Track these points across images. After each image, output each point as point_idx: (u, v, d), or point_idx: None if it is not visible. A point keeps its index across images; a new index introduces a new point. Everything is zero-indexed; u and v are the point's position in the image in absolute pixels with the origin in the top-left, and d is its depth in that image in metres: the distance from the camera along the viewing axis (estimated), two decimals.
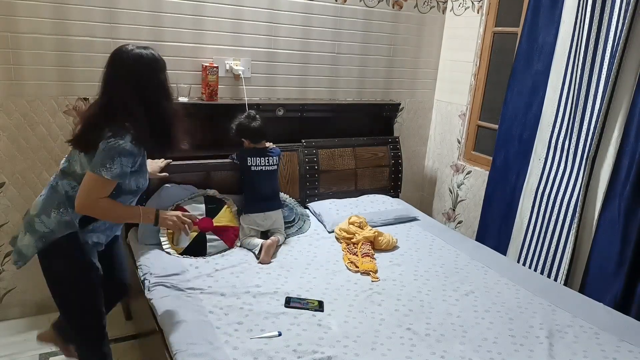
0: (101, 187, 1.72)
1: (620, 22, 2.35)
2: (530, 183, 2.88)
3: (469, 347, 1.84)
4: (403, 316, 2.02)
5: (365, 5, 3.27)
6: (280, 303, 2.05)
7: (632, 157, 2.39)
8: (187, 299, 2.02)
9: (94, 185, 1.71)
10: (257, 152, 2.65)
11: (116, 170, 1.69)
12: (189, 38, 2.80)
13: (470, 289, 2.29)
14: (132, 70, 1.73)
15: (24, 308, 2.75)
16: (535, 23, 2.81)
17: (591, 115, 2.52)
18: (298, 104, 3.11)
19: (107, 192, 1.74)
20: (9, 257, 2.64)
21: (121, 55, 1.74)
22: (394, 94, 3.59)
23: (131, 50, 1.74)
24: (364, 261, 2.44)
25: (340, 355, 1.73)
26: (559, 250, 2.70)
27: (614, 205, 2.47)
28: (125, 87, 1.72)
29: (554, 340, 1.92)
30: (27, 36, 2.43)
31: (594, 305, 2.22)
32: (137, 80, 1.73)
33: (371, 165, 3.33)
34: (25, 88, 2.49)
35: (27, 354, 2.45)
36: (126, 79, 1.73)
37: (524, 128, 2.93)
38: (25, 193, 2.61)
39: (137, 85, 1.73)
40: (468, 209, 3.54)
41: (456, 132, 3.62)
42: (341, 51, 3.29)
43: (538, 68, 2.82)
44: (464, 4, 3.46)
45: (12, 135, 2.51)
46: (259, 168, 2.63)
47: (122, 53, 1.75)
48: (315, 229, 2.86)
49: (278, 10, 2.99)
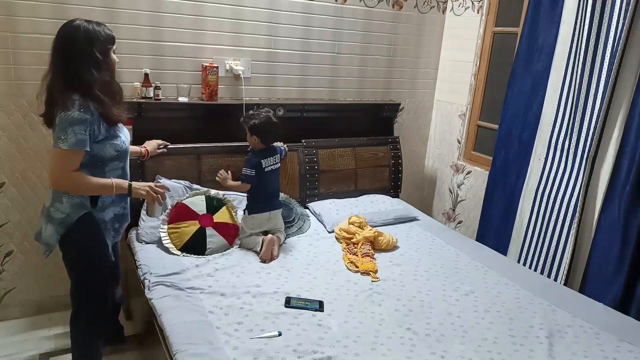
0: (65, 159, 1.79)
1: (620, 22, 2.35)
2: (530, 183, 2.88)
3: (469, 347, 1.84)
4: (403, 316, 2.02)
5: (365, 5, 3.27)
6: (280, 303, 2.04)
7: (632, 157, 2.39)
8: (187, 298, 2.02)
9: (57, 159, 1.80)
10: (266, 152, 2.58)
11: (71, 139, 1.76)
12: (189, 38, 2.80)
13: (470, 289, 2.29)
14: (64, 42, 1.82)
15: (24, 308, 2.75)
16: (535, 23, 2.81)
17: (591, 115, 2.52)
18: (298, 104, 3.12)
19: (74, 163, 1.82)
20: (9, 257, 2.64)
21: (59, 31, 1.84)
22: (394, 94, 3.59)
23: (67, 24, 1.84)
24: (364, 261, 2.44)
25: (340, 355, 1.73)
26: (559, 250, 2.70)
27: (614, 205, 2.47)
28: (60, 59, 1.82)
29: (554, 340, 1.92)
30: (27, 36, 2.43)
31: (594, 305, 2.22)
32: (69, 52, 1.81)
33: (371, 165, 3.34)
34: (25, 88, 2.49)
35: (27, 354, 2.45)
36: (60, 52, 1.82)
37: (524, 128, 2.93)
38: (25, 193, 2.61)
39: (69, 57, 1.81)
40: (468, 209, 3.54)
41: (456, 132, 3.62)
42: (341, 51, 3.29)
43: (538, 68, 2.82)
44: (464, 4, 3.46)
45: (12, 135, 2.51)
46: (269, 168, 2.59)
47: (61, 28, 1.84)
48: (315, 229, 2.86)
49: (278, 10, 2.99)
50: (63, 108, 1.77)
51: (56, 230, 1.90)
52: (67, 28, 1.84)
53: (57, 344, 2.54)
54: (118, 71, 2.63)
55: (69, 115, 1.76)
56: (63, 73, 1.81)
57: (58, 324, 2.69)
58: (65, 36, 1.83)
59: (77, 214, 1.89)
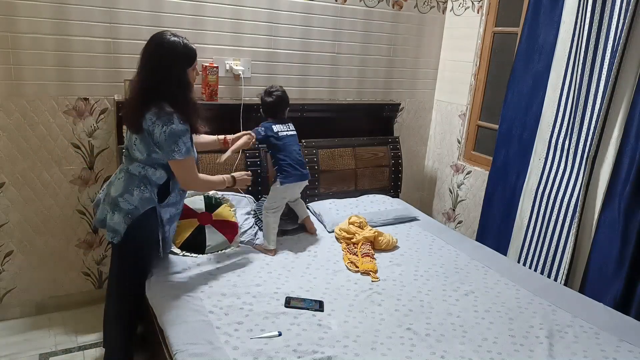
0: (185, 167, 2.01)
1: (621, 22, 2.35)
2: (530, 183, 2.88)
3: (469, 347, 1.84)
4: (403, 316, 2.02)
5: (365, 5, 3.27)
6: (280, 303, 2.05)
7: (632, 157, 2.39)
8: (187, 298, 2.02)
9: (180, 170, 2.01)
10: (278, 122, 2.59)
11: (183, 148, 1.96)
12: (189, 38, 2.75)
13: (470, 289, 2.29)
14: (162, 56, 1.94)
15: (24, 308, 2.75)
16: (535, 23, 2.81)
17: (591, 115, 2.52)
18: (298, 104, 3.11)
19: (194, 167, 2.05)
20: (9, 257, 2.64)
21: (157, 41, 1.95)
22: (394, 94, 3.59)
23: (168, 37, 1.96)
24: (364, 261, 2.44)
25: (340, 355, 1.73)
26: (559, 250, 2.70)
27: (614, 205, 2.48)
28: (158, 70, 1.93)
29: (554, 340, 1.92)
30: (27, 36, 2.43)
31: (594, 305, 2.22)
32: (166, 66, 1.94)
33: (371, 165, 3.33)
34: (25, 88, 2.49)
35: (27, 354, 2.45)
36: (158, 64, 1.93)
37: (524, 128, 2.94)
38: (25, 193, 2.61)
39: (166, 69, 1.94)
40: (468, 209, 3.54)
41: (456, 132, 3.62)
42: (341, 51, 3.29)
43: (538, 68, 2.82)
44: (464, 4, 3.46)
45: (12, 135, 2.51)
46: (284, 133, 2.57)
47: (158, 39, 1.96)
48: (316, 229, 2.86)
49: (278, 10, 2.99)
50: (165, 121, 1.91)
51: (124, 219, 2.00)
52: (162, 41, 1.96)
53: (57, 344, 2.54)
54: (120, 70, 2.66)
55: (174, 129, 1.92)
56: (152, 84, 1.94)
57: (58, 324, 2.70)
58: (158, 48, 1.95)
59: (144, 208, 2.01)
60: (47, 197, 2.66)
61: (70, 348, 2.51)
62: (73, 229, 2.77)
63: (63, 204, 2.71)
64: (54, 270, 2.77)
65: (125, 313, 2.18)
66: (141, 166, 2.02)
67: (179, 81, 1.96)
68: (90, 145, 2.70)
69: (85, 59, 2.57)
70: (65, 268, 2.80)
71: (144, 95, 1.94)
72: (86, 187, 2.73)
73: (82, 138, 2.67)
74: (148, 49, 1.95)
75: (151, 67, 1.93)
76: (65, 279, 2.82)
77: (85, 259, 2.85)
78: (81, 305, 2.84)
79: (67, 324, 2.70)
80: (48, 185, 2.65)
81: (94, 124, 2.67)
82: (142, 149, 1.98)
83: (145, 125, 1.93)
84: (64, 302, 2.83)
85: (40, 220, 2.68)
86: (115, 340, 2.23)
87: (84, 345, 2.53)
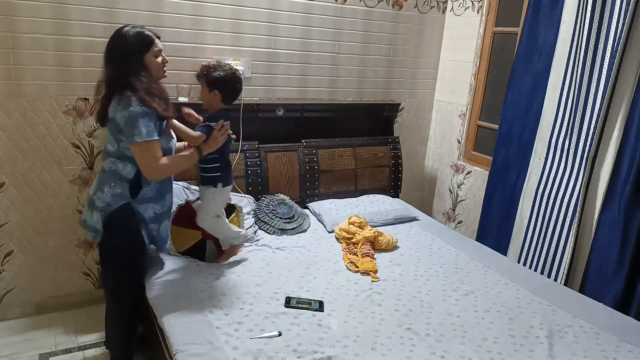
0: (147, 151, 1.93)
1: (621, 22, 2.35)
2: (530, 183, 2.88)
3: (469, 347, 1.84)
4: (403, 316, 2.02)
5: (365, 5, 3.27)
6: (280, 303, 2.05)
7: (632, 157, 2.39)
8: (187, 298, 2.02)
9: (141, 154, 1.93)
10: (225, 115, 2.20)
11: (144, 130, 1.90)
12: (189, 38, 2.80)
13: (470, 289, 2.29)
14: (115, 47, 1.95)
15: (24, 308, 2.75)
16: (535, 23, 2.81)
17: (591, 115, 2.52)
18: (298, 104, 3.11)
19: (157, 152, 1.95)
20: (9, 257, 2.64)
21: (112, 36, 1.98)
22: (394, 94, 3.59)
23: (120, 30, 1.98)
24: (364, 261, 2.44)
25: (340, 355, 1.73)
26: (559, 250, 2.70)
27: (614, 205, 2.47)
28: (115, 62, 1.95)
29: (554, 340, 1.92)
30: (27, 36, 2.43)
31: (594, 305, 2.22)
32: (121, 56, 1.94)
33: (371, 165, 3.34)
34: (25, 88, 2.49)
35: (27, 354, 2.45)
36: (115, 55, 1.95)
37: (524, 128, 2.94)
38: (25, 193, 2.61)
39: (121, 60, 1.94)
40: (468, 209, 3.54)
41: (456, 132, 3.62)
42: (341, 51, 3.29)
43: (538, 68, 2.82)
44: (464, 4, 3.46)
45: (12, 135, 2.51)
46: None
47: (113, 33, 1.99)
48: (315, 229, 2.86)
49: (278, 10, 2.99)
50: (125, 106, 1.89)
51: (101, 217, 2.01)
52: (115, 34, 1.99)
53: (57, 344, 2.54)
54: None
55: (133, 111, 1.89)
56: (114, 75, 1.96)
57: (58, 324, 2.70)
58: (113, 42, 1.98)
59: (116, 204, 1.99)
60: (47, 197, 2.66)
61: (70, 348, 2.51)
62: (73, 229, 2.76)
63: (63, 204, 2.71)
64: (54, 270, 2.77)
65: (124, 313, 2.18)
66: (112, 161, 2.02)
67: (137, 68, 1.95)
68: (90, 145, 2.70)
69: (85, 59, 2.57)
70: (65, 268, 2.80)
71: (107, 88, 1.97)
72: (86, 187, 2.73)
73: (82, 138, 2.67)
74: (107, 45, 1.98)
75: (110, 60, 1.96)
76: (65, 279, 2.82)
77: (85, 259, 2.85)
78: (81, 305, 2.84)
79: (67, 324, 2.70)
80: (48, 185, 2.65)
81: (94, 124, 2.67)
82: (112, 140, 2.00)
83: (111, 114, 1.94)
84: (64, 302, 2.83)
85: (40, 220, 2.68)
86: (115, 340, 2.24)
87: (84, 345, 2.53)
